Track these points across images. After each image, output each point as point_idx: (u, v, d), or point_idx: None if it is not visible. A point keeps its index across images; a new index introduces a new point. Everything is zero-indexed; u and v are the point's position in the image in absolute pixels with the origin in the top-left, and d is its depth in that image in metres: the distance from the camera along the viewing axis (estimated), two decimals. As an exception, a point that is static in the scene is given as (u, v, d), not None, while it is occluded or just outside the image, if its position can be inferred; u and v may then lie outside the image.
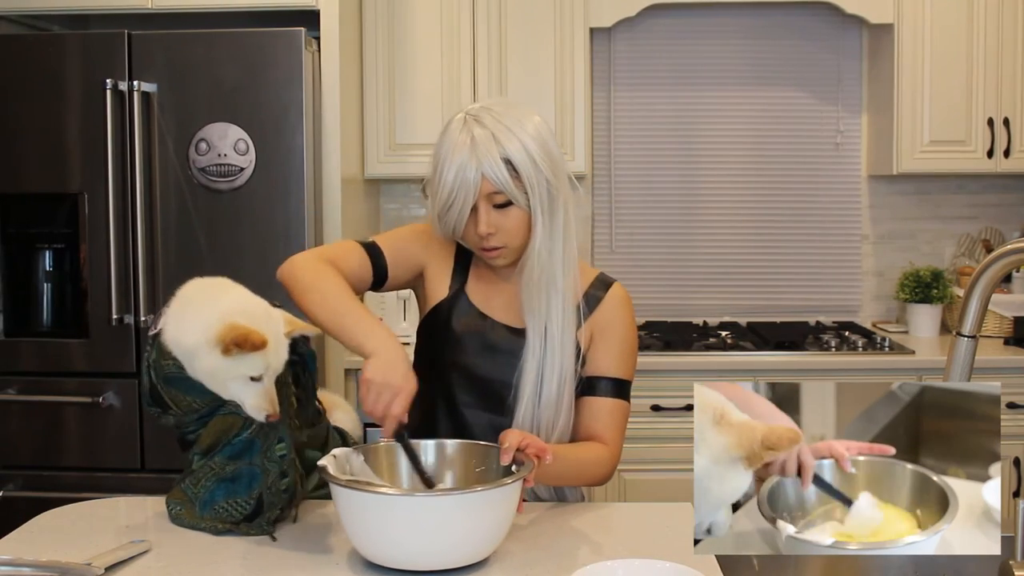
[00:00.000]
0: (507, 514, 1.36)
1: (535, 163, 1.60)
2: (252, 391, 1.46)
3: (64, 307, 2.90)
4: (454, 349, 1.70)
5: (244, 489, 1.50)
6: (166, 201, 2.80)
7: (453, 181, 1.59)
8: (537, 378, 1.64)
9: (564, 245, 1.65)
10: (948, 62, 3.27)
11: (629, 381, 1.74)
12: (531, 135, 1.61)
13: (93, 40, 2.80)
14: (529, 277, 1.65)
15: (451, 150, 1.60)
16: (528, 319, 1.66)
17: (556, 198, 1.64)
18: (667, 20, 3.61)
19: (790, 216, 3.66)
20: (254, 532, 1.49)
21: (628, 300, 1.76)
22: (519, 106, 1.66)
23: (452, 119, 1.65)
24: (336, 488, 1.33)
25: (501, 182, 1.58)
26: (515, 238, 1.64)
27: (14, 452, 2.86)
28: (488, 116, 1.61)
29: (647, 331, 3.39)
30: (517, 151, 1.59)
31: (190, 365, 1.48)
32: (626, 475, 3.04)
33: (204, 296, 1.52)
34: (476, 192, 1.59)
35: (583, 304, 1.71)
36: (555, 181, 1.63)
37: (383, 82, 3.27)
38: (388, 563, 1.33)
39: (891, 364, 3.03)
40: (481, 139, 1.58)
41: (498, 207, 1.61)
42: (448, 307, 1.73)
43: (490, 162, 1.58)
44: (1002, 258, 1.15)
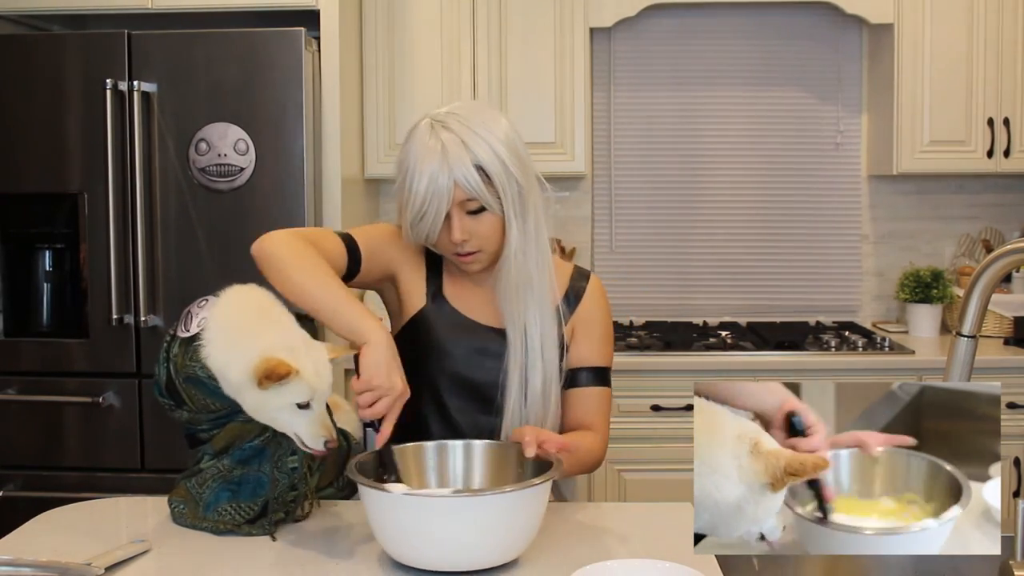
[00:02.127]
0: (539, 512, 1.37)
1: (506, 167, 1.58)
2: (304, 420, 1.45)
3: (64, 307, 2.90)
4: (442, 355, 1.69)
5: (248, 495, 1.50)
6: (166, 201, 2.80)
7: (426, 190, 1.55)
8: (521, 378, 1.65)
9: (537, 245, 1.65)
10: (948, 62, 3.27)
11: (609, 368, 1.76)
12: (500, 139, 1.58)
13: (93, 40, 2.80)
14: (506, 281, 1.64)
15: (420, 158, 1.56)
16: (507, 322, 1.66)
17: (527, 200, 1.62)
18: (667, 20, 3.61)
19: (790, 216, 3.66)
20: (256, 532, 1.49)
21: (605, 290, 1.79)
22: (485, 109, 1.64)
23: (417, 125, 1.62)
24: (367, 491, 1.33)
25: (474, 189, 1.56)
26: (490, 243, 1.63)
27: (14, 452, 2.86)
28: (455, 121, 1.58)
29: (647, 331, 3.39)
30: (488, 156, 1.56)
31: (238, 397, 1.47)
32: (626, 475, 3.04)
33: (246, 325, 1.49)
34: (449, 200, 1.56)
35: (566, 299, 1.72)
36: (525, 183, 1.62)
37: (383, 82, 3.27)
38: (420, 564, 1.32)
39: (891, 364, 3.03)
40: (451, 145, 1.55)
41: (471, 213, 1.59)
42: (429, 315, 1.71)
43: (462, 169, 1.55)
44: (1002, 258, 1.15)
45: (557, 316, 1.69)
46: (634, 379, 2.99)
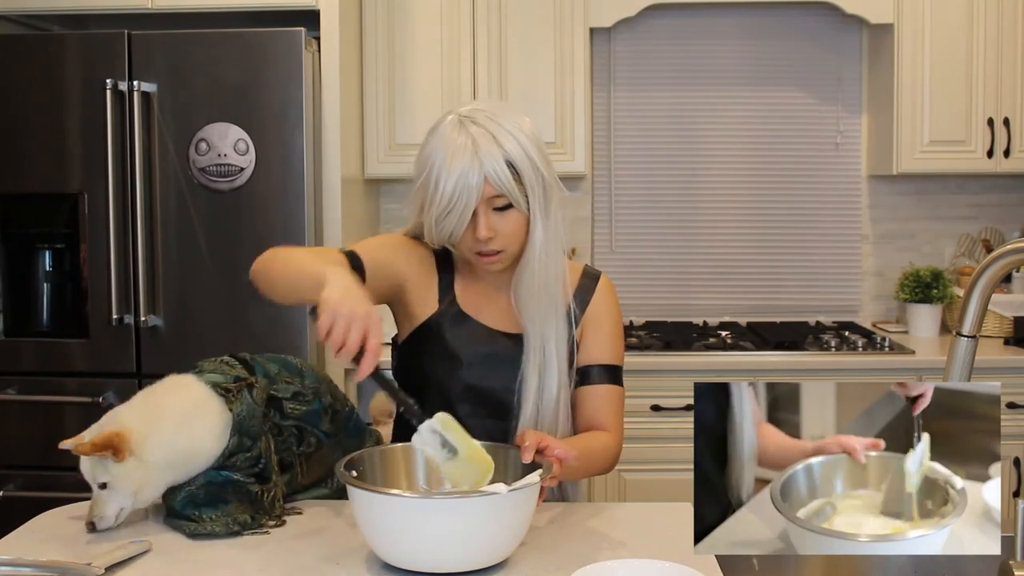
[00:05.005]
0: (526, 516, 1.36)
1: (534, 164, 1.58)
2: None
3: (64, 307, 2.90)
4: (454, 361, 1.67)
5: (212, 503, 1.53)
6: (166, 201, 2.80)
7: (455, 186, 1.53)
8: (539, 385, 1.64)
9: (557, 251, 1.64)
10: (948, 62, 3.27)
11: (620, 366, 1.75)
12: (527, 135, 1.58)
13: (93, 40, 2.80)
14: (529, 284, 1.63)
15: (450, 153, 1.55)
16: (527, 326, 1.65)
17: (551, 199, 1.62)
18: (667, 20, 3.61)
19: (790, 216, 3.66)
20: (219, 530, 1.50)
21: (615, 289, 1.79)
22: (508, 107, 1.64)
23: (442, 121, 1.60)
24: (355, 491, 1.33)
25: (504, 184, 1.55)
26: (514, 242, 1.62)
27: (14, 452, 2.86)
28: (483, 116, 1.57)
29: (647, 331, 3.39)
30: (517, 152, 1.56)
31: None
32: (626, 475, 3.04)
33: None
34: (479, 196, 1.55)
35: (576, 299, 1.71)
36: (551, 181, 1.62)
37: (383, 82, 3.27)
38: (408, 566, 1.32)
39: (891, 364, 3.03)
40: (482, 140, 1.54)
41: (497, 210, 1.58)
42: (441, 321, 1.69)
43: (493, 164, 1.54)
44: (1002, 258, 1.15)
45: (569, 319, 1.68)
46: (634, 379, 2.96)
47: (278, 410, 1.62)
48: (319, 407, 1.66)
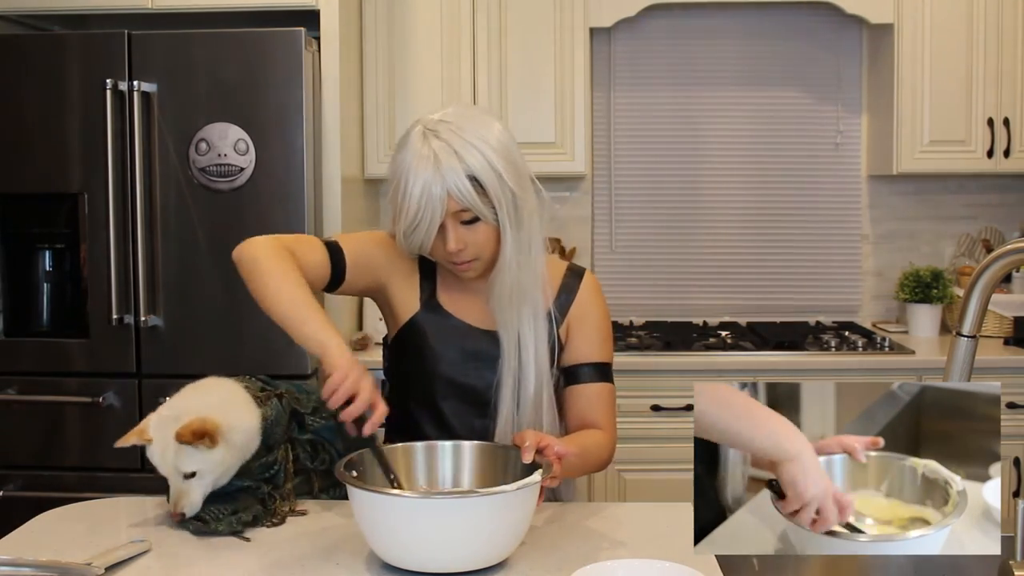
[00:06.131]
0: (526, 515, 1.36)
1: (500, 177, 1.55)
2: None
3: (64, 307, 2.90)
4: (436, 359, 1.68)
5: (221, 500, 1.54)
6: (166, 201, 2.80)
7: (419, 200, 1.53)
8: (514, 384, 1.65)
9: (533, 255, 1.64)
10: (948, 62, 3.27)
11: (609, 363, 1.75)
12: (493, 147, 1.56)
13: (93, 40, 2.80)
14: (500, 290, 1.63)
15: (413, 168, 1.54)
16: (501, 330, 1.66)
17: (522, 208, 1.60)
18: (667, 20, 3.61)
19: (790, 216, 3.66)
20: (222, 529, 1.50)
21: (600, 286, 1.79)
22: (478, 115, 1.62)
23: (410, 132, 1.59)
24: (355, 491, 1.33)
25: (467, 199, 1.54)
26: (485, 251, 1.61)
27: (14, 452, 2.86)
28: (446, 129, 1.55)
29: (647, 331, 3.39)
30: (481, 165, 1.54)
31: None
32: (626, 475, 3.04)
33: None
34: (443, 210, 1.54)
35: (559, 298, 1.71)
36: (520, 192, 1.59)
37: (383, 82, 3.27)
38: (408, 566, 1.32)
39: (891, 364, 3.03)
40: (443, 155, 1.53)
41: (465, 223, 1.57)
42: (423, 320, 1.70)
43: (455, 179, 1.52)
44: (1002, 258, 1.15)
45: (549, 320, 1.68)
46: (634, 379, 2.99)
47: (298, 423, 1.65)
48: (336, 426, 1.67)
